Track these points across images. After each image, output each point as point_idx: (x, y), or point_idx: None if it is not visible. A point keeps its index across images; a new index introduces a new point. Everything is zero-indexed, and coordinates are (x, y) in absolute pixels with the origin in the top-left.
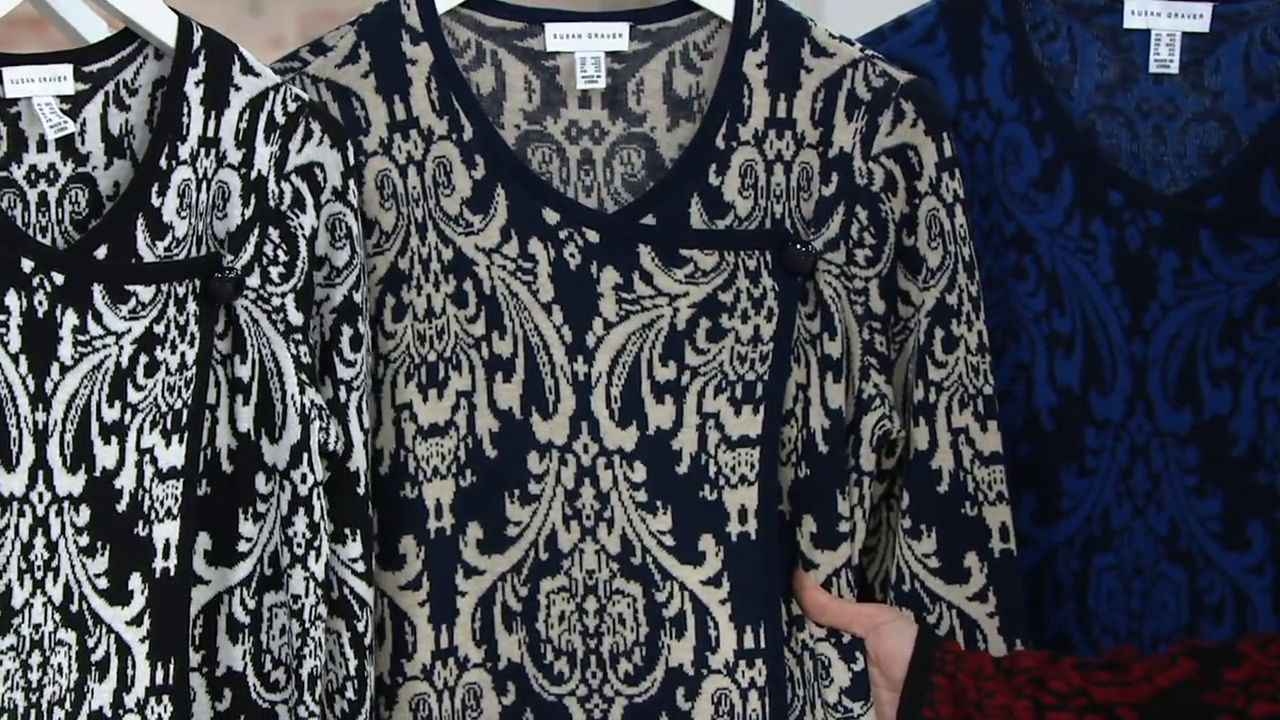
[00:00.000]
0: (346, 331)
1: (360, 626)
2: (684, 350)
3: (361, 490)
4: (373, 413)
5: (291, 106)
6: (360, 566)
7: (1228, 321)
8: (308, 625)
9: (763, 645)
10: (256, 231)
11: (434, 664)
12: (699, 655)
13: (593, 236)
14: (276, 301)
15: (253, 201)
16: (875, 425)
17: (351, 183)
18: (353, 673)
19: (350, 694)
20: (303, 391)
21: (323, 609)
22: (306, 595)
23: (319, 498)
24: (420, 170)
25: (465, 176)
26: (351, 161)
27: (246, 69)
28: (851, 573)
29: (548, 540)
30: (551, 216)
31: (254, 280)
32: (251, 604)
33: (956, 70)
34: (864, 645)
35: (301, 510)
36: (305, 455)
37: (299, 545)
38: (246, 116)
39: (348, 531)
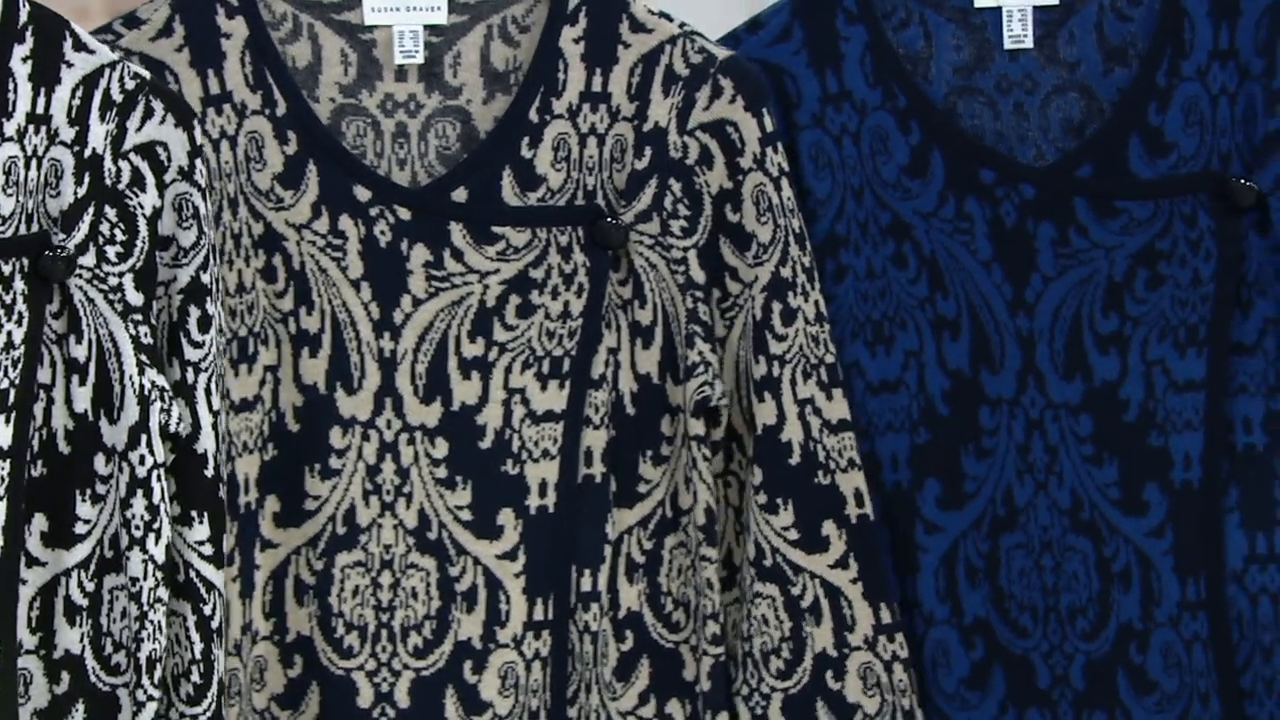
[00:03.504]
0: (194, 312)
1: (207, 610)
2: (492, 327)
3: (210, 473)
4: (222, 393)
5: (130, 84)
6: (208, 549)
7: (1109, 287)
8: (146, 608)
9: (550, 617)
10: (92, 210)
11: (241, 639)
12: (488, 629)
13: (404, 214)
14: (114, 281)
15: (87, 180)
16: (695, 391)
17: (198, 162)
18: (198, 656)
19: (196, 678)
20: (142, 372)
21: (163, 592)
22: (145, 578)
23: (159, 479)
24: (233, 145)
25: (277, 152)
26: (198, 140)
27: (80, 46)
28: (645, 532)
29: (346, 515)
30: (362, 194)
31: (89, 259)
32: (90, 586)
33: (815, 65)
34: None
35: (140, 492)
36: (144, 436)
37: (137, 527)
38: (80, 93)
39: (194, 514)
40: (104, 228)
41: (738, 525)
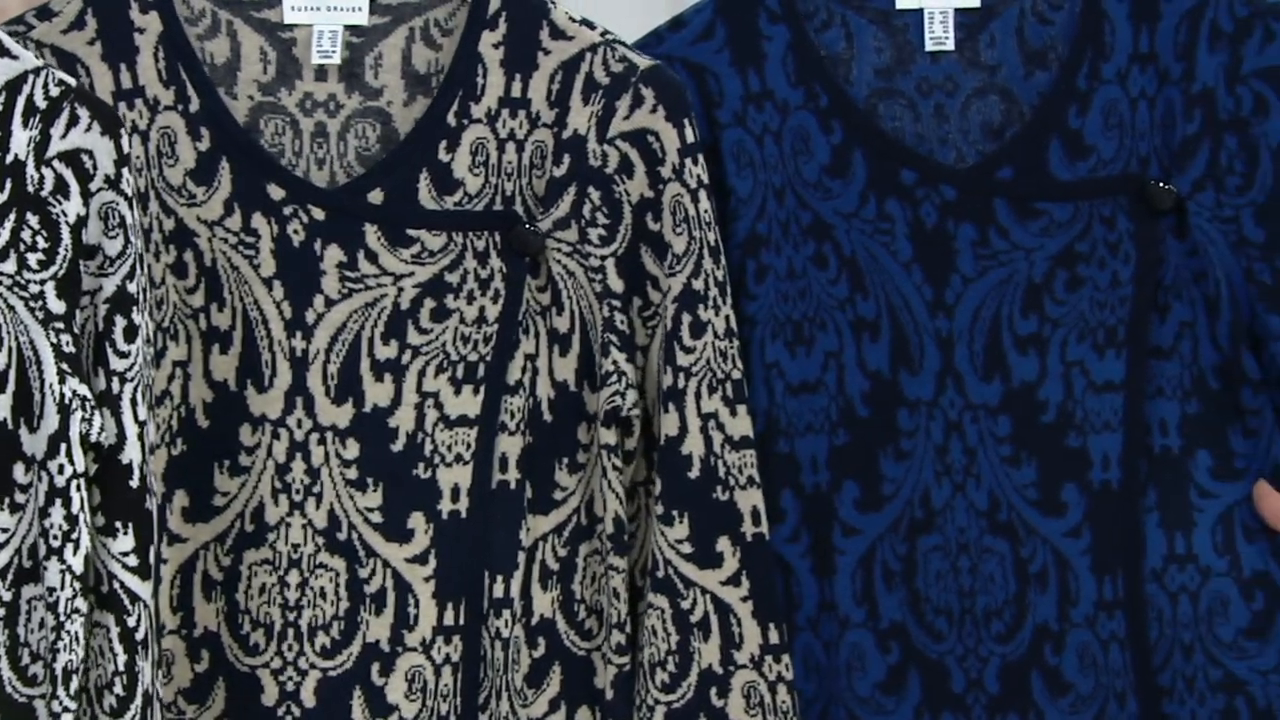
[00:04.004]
0: (120, 322)
1: (131, 621)
2: (406, 330)
3: (135, 483)
4: (150, 403)
5: (54, 91)
6: (132, 561)
7: (1028, 288)
8: (63, 619)
9: (461, 622)
10: (13, 217)
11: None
12: (396, 632)
13: (318, 214)
14: (35, 289)
15: (9, 186)
16: (607, 400)
17: (125, 170)
18: (121, 668)
19: (119, 689)
20: (63, 381)
21: (81, 603)
22: (62, 588)
23: (78, 489)
24: (144, 140)
25: (190, 148)
26: (125, 149)
27: (3, 51)
28: (560, 539)
29: (254, 512)
30: (276, 192)
31: (10, 266)
32: (8, 596)
33: (738, 64)
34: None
35: (59, 502)
36: (64, 446)
37: (55, 537)
38: (2, 100)
39: (118, 525)
40: (25, 235)
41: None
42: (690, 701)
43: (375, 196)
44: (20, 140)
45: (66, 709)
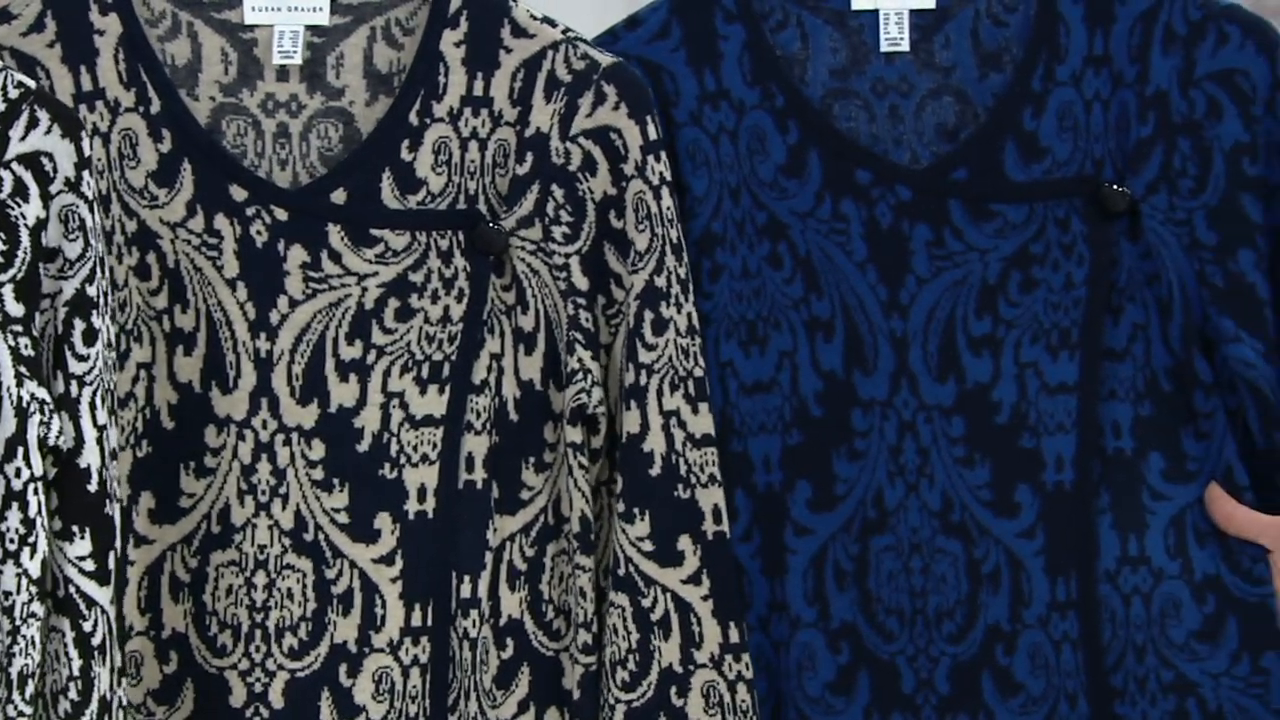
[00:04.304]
0: (79, 325)
1: (87, 626)
2: (371, 330)
3: (93, 488)
4: (110, 407)
5: (14, 93)
6: (89, 565)
7: (983, 289)
8: (19, 623)
9: (429, 623)
10: None
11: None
12: (363, 633)
13: (281, 214)
14: None
15: None
16: (573, 397)
17: (86, 173)
18: (76, 673)
19: (74, 694)
20: (21, 384)
21: (38, 607)
22: (18, 592)
23: (35, 493)
24: (106, 142)
25: (151, 150)
26: (86, 152)
27: None
28: (528, 539)
29: (220, 514)
30: (239, 193)
31: None
32: None
33: (694, 63)
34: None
35: (15, 505)
36: (21, 449)
37: (12, 541)
38: None
39: (75, 529)
40: None
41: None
42: (650, 700)
43: (338, 196)
44: None
45: (22, 714)
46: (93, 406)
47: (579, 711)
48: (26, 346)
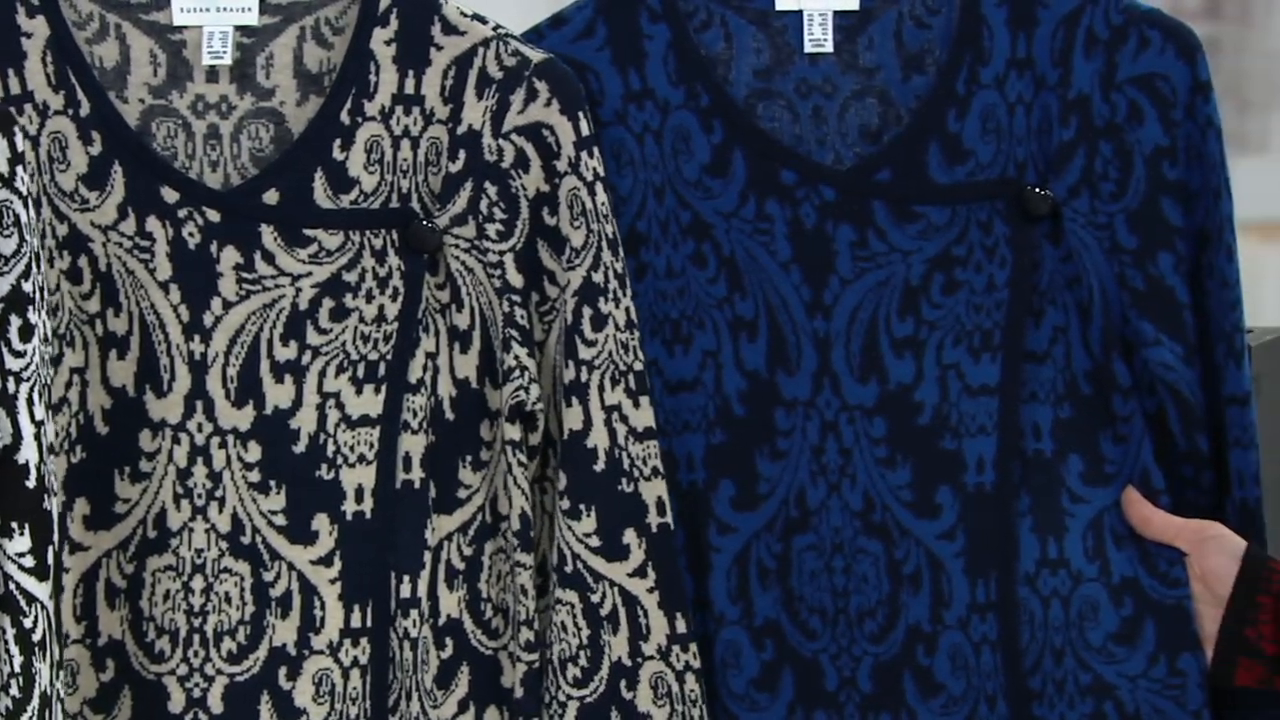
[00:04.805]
0: (15, 321)
1: (27, 623)
2: (306, 330)
3: (32, 484)
4: (47, 403)
5: None
6: (29, 561)
7: (906, 291)
8: None
9: (369, 624)
10: None
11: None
12: (303, 636)
13: (213, 216)
14: None
15: None
16: (511, 395)
17: (20, 169)
18: (17, 670)
19: (15, 691)
20: None
21: None
22: None
23: None
24: (35, 145)
25: (81, 153)
26: (20, 147)
27: None
28: (465, 538)
29: (156, 518)
30: (170, 195)
31: None
32: None
33: (619, 63)
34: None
35: None
36: None
37: None
38: None
39: (14, 525)
40: None
41: (554, 530)
42: (602, 695)
43: (270, 197)
44: None
45: None
46: (30, 402)
47: (521, 709)
48: None
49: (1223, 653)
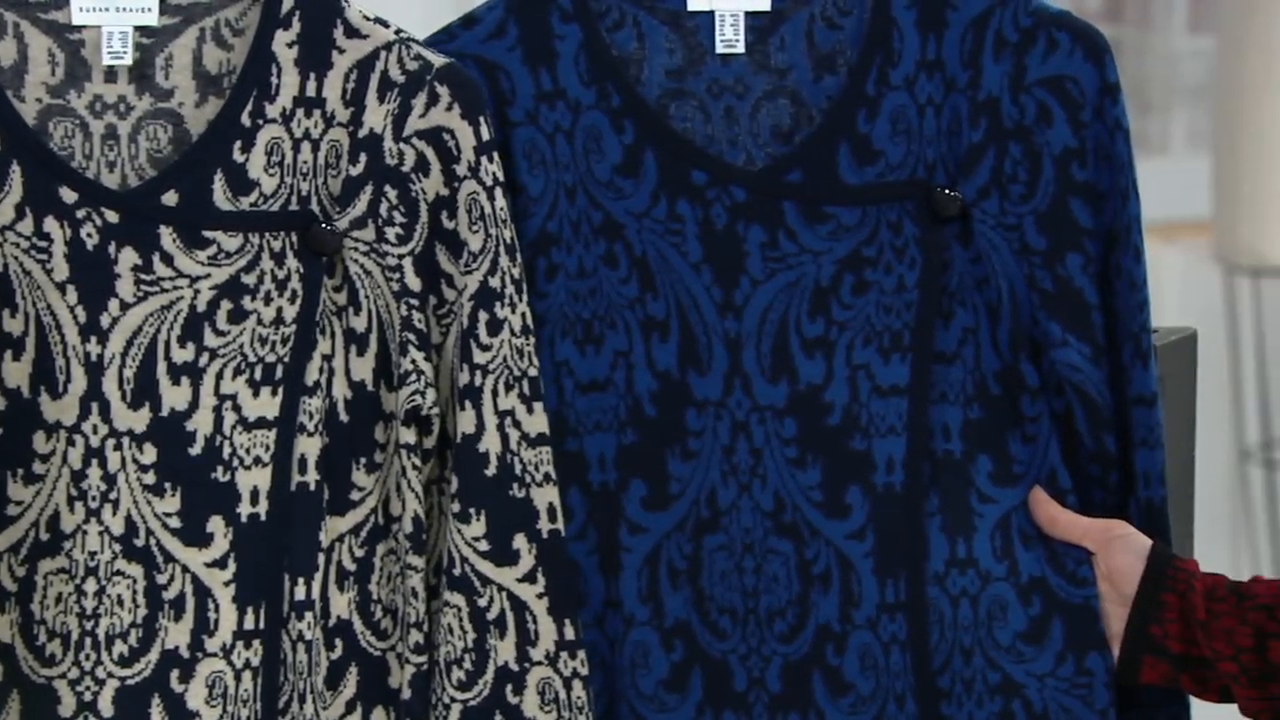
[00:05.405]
0: None
1: None
2: (203, 332)
3: None
4: None
5: None
6: None
7: (816, 291)
8: None
9: (262, 626)
10: None
11: None
12: (195, 638)
13: (111, 217)
14: None
15: None
16: (407, 399)
17: None
18: None
19: None
20: None
21: None
22: None
23: None
24: None
25: None
26: None
27: None
28: (357, 539)
29: (50, 521)
30: (69, 195)
31: None
32: None
33: (530, 63)
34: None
35: None
36: None
37: None
38: None
39: None
40: None
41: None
42: (486, 699)
43: (169, 198)
44: None
45: None
46: None
47: (409, 711)
48: None
49: (1129, 651)
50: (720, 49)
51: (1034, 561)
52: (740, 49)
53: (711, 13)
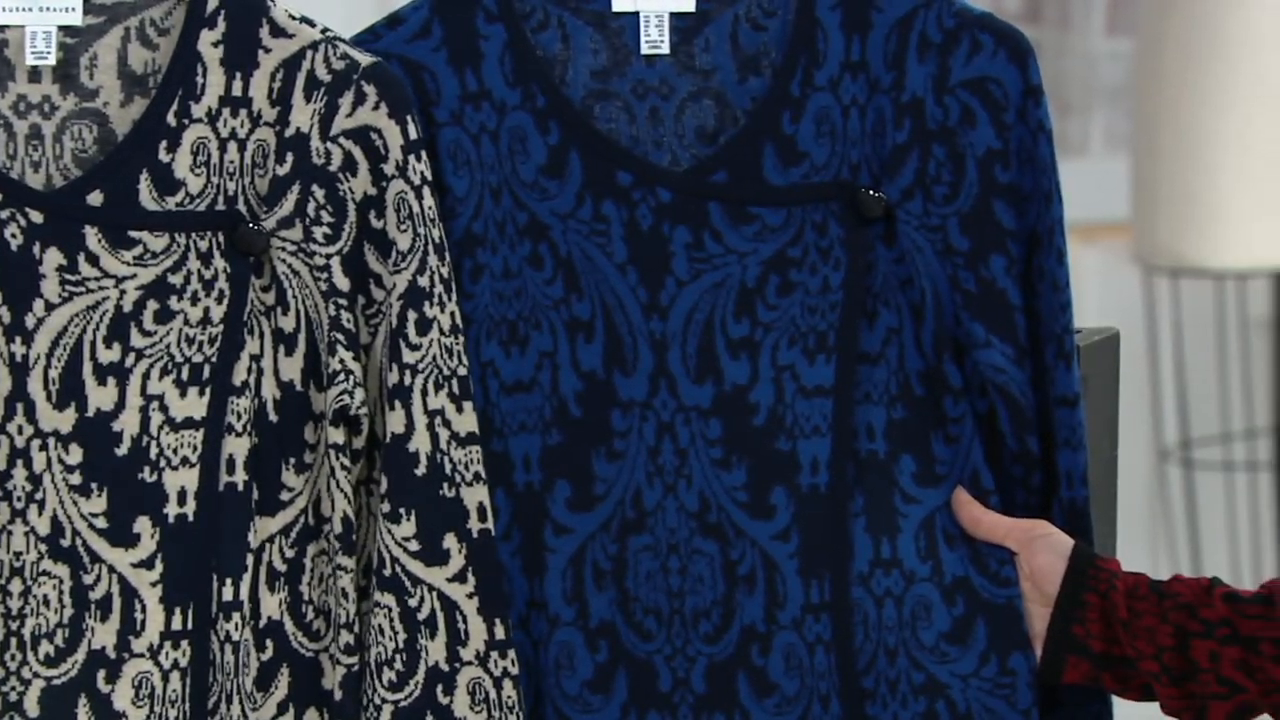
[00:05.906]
0: None
1: None
2: (130, 332)
3: None
4: None
5: None
6: None
7: (741, 292)
8: None
9: (189, 627)
10: None
11: None
12: (122, 638)
13: (36, 217)
14: None
15: None
16: (335, 399)
17: None
18: None
19: None
20: None
21: None
22: None
23: None
24: None
25: None
26: None
27: None
28: (287, 540)
29: None
30: None
31: None
32: None
33: (455, 63)
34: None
35: None
36: None
37: None
38: None
39: None
40: None
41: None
42: (417, 700)
43: (95, 198)
44: None
45: None
46: None
47: (340, 712)
48: None
49: (1051, 651)
50: (645, 50)
51: (957, 562)
52: (665, 50)
53: (636, 14)
